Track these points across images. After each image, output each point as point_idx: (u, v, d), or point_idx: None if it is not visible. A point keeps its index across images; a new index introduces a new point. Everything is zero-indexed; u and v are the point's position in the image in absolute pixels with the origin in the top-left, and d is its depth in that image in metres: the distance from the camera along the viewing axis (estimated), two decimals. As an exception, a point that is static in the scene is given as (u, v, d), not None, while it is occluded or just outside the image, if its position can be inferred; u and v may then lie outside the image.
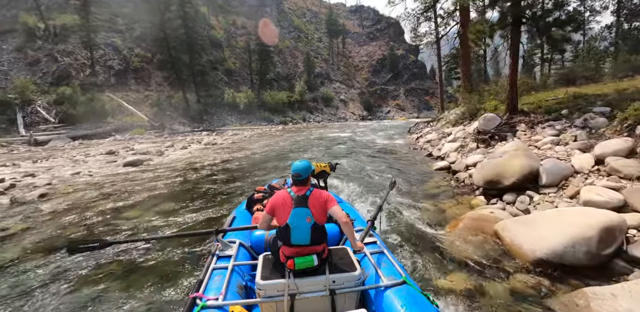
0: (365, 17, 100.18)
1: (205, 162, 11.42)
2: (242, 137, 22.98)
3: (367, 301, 2.37)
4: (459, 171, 7.63)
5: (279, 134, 27.05)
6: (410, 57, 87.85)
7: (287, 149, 15.01)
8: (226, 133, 27.49)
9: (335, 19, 75.50)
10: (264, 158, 12.25)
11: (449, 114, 18.48)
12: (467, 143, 9.61)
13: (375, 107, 72.59)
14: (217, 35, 51.94)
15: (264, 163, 10.95)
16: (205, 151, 14.68)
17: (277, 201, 2.35)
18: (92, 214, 5.80)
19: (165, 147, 15.30)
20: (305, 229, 2.23)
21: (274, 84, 54.74)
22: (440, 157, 10.14)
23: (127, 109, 31.64)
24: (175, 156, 13.08)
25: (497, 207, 4.96)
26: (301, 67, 63.29)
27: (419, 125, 22.82)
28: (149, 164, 10.97)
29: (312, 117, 55.46)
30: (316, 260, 2.22)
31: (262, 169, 9.78)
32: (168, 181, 8.38)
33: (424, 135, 16.30)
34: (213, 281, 2.40)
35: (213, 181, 8.34)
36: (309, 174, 2.41)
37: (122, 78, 35.23)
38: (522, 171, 5.18)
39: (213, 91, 42.70)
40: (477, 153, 7.98)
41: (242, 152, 13.98)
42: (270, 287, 2.14)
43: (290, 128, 36.47)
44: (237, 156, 12.79)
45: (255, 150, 14.80)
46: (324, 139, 19.45)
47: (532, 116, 8.59)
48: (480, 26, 9.77)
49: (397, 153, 12.69)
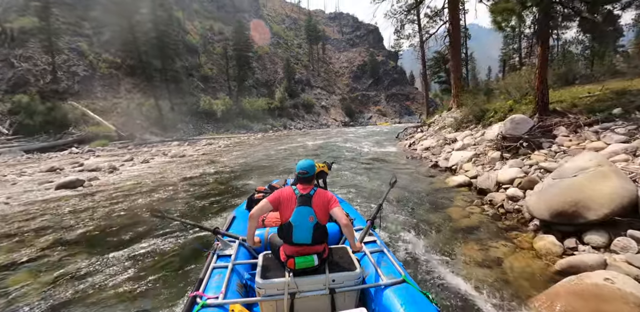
0: (344, 24, 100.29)
1: (162, 180, 9.39)
2: (216, 148, 20.89)
3: (367, 299, 2.37)
4: (488, 189, 6.04)
5: (257, 142, 25.20)
6: (390, 63, 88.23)
7: (264, 161, 13.17)
8: (199, 143, 25.22)
9: (315, 25, 74.71)
10: (235, 174, 10.27)
11: (442, 118, 17.32)
12: (484, 151, 8.12)
13: (357, 113, 71.80)
14: (192, 40, 49.91)
15: (234, 180, 9.11)
16: (168, 166, 12.62)
17: (284, 195, 2.33)
18: None
19: (122, 161, 13.16)
20: (308, 228, 2.24)
21: (253, 91, 53.00)
22: (451, 168, 8.58)
23: (93, 118, 29.24)
24: (129, 172, 10.99)
25: (595, 259, 3.15)
26: (281, 73, 61.79)
27: (407, 130, 21.65)
28: (90, 185, 8.78)
29: (293, 124, 53.88)
30: (316, 260, 2.22)
31: (231, 190, 7.87)
32: (102, 210, 6.37)
33: (417, 141, 14.95)
34: (213, 279, 2.39)
35: (164, 210, 6.03)
36: (314, 172, 2.43)
37: (87, 85, 32.73)
38: (617, 199, 3.48)
39: (188, 98, 40.59)
40: (510, 165, 6.34)
41: (211, 167, 11.99)
42: (270, 286, 2.14)
43: (270, 136, 34.59)
44: (204, 172, 10.79)
45: (227, 163, 12.90)
46: (306, 148, 17.73)
47: (571, 117, 7.03)
48: (508, 3, 7.99)
49: (395, 163, 11.09)
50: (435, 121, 17.83)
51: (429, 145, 12.42)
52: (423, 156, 11.58)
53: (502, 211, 5.20)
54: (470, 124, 11.71)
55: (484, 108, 11.11)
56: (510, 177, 5.79)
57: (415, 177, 8.55)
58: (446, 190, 6.91)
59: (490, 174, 6.40)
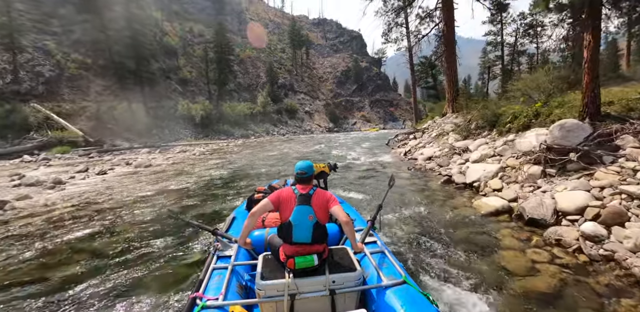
0: (328, 29, 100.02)
1: (109, 201, 7.43)
2: (190, 156, 18.99)
3: (367, 300, 2.35)
4: (543, 220, 4.47)
5: (236, 150, 23.44)
6: (374, 69, 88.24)
7: (241, 174, 11.16)
8: (172, 150, 23.28)
9: (299, 30, 73.73)
10: (204, 190, 8.42)
11: (437, 124, 16.17)
12: (518, 166, 6.61)
13: (341, 119, 70.88)
14: (171, 42, 47.90)
15: (200, 201, 7.15)
16: (126, 179, 10.68)
17: (283, 195, 2.34)
18: None
19: (75, 172, 11.23)
20: (308, 227, 2.24)
21: (234, 95, 51.27)
22: (472, 186, 7.02)
23: (58, 122, 26.95)
24: (75, 188, 8.99)
25: None
26: (264, 77, 60.24)
27: (397, 137, 20.45)
28: (13, 208, 6.66)
29: (276, 130, 52.28)
30: (316, 260, 2.20)
31: (195, 216, 5.97)
32: (16, 247, 4.63)
33: (414, 149, 13.71)
34: (213, 281, 2.39)
35: (105, 244, 4.68)
36: (312, 172, 2.43)
37: (53, 86, 30.35)
38: None
39: (165, 102, 38.57)
40: (573, 187, 4.79)
41: (177, 180, 10.15)
42: (270, 287, 2.14)
43: (251, 143, 32.77)
44: (166, 188, 8.87)
45: (198, 175, 11.09)
46: (289, 157, 16.20)
47: (635, 123, 5.66)
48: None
49: (397, 177, 8.86)
50: (429, 127, 16.69)
51: (432, 154, 11.15)
52: (427, 167, 10.20)
53: (583, 259, 3.64)
54: (481, 130, 10.47)
55: (497, 112, 9.84)
56: (578, 205, 4.34)
57: (428, 197, 6.86)
58: (479, 219, 5.31)
59: (543, 198, 4.80)
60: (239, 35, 68.44)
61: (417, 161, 11.43)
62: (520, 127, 8.10)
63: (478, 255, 4.00)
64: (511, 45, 38.80)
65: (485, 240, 4.47)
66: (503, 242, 4.33)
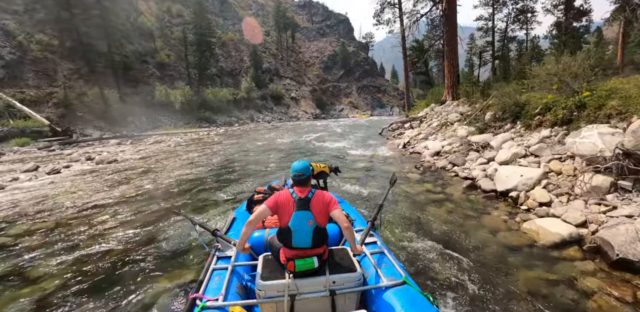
0: (314, 12, 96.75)
1: (43, 214, 5.88)
2: (164, 148, 17.03)
3: (368, 301, 2.30)
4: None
5: (217, 139, 21.72)
6: (362, 54, 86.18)
7: (218, 173, 9.48)
8: (145, 141, 21.36)
9: (284, 12, 70.68)
10: (167, 200, 6.63)
11: (437, 112, 14.93)
12: (565, 172, 5.38)
13: (328, 105, 69.29)
14: (147, 23, 44.90)
15: (161, 214, 5.66)
16: (79, 180, 8.86)
17: (281, 199, 2.23)
18: None
19: (22, 171, 9.57)
20: (307, 232, 2.15)
21: (216, 80, 48.87)
22: (509, 195, 5.58)
23: (21, 110, 24.71)
24: (10, 195, 7.24)
25: None
26: (247, 61, 57.69)
27: (392, 126, 19.14)
28: None
29: (261, 117, 50.44)
30: (317, 262, 2.13)
31: (141, 245, 4.45)
32: None
33: (414, 141, 12.49)
34: (213, 281, 2.35)
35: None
36: (309, 173, 2.31)
37: (15, 70, 27.75)
38: None
39: (142, 88, 36.27)
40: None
41: (143, 181, 8.46)
42: (270, 287, 2.10)
43: (234, 131, 30.82)
44: (129, 193, 7.24)
45: (169, 173, 9.40)
46: (274, 150, 14.57)
47: None
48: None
49: (404, 179, 7.60)
50: (427, 116, 15.44)
51: (439, 149, 9.87)
52: (438, 165, 8.78)
53: None
54: (502, 123, 9.07)
55: (520, 102, 8.37)
56: None
57: (453, 212, 5.36)
58: (540, 252, 3.84)
59: (637, 227, 3.40)
60: (221, 17, 65.22)
61: (424, 156, 10.10)
62: (558, 121, 6.77)
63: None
64: (502, 31, 37.99)
65: (569, 297, 2.98)
66: (598, 302, 2.88)
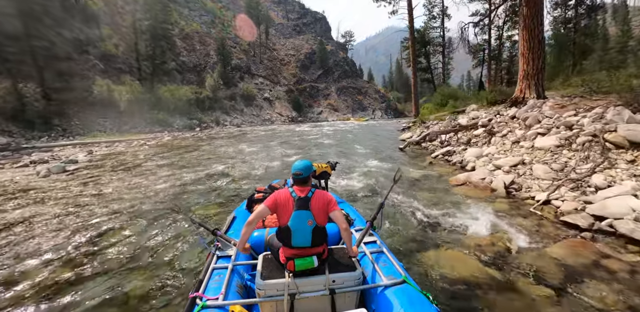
0: (290, 9, 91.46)
1: None
2: (30, 178, 9.51)
3: (367, 300, 2.31)
4: None
5: (150, 152, 15.06)
6: (340, 53, 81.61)
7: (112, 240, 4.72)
8: (24, 159, 13.26)
9: (257, 4, 64.68)
10: None
11: (523, 116, 9.56)
12: None
13: (306, 107, 63.82)
14: (93, 6, 37.80)
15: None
16: None
17: (281, 199, 2.20)
18: None
19: None
20: (307, 232, 2.14)
21: (176, 76, 42.24)
22: None
23: None
24: None
25: None
26: (214, 56, 51.17)
27: (413, 137, 13.49)
28: None
29: (229, 120, 44.18)
30: (316, 261, 2.13)
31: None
32: None
33: (498, 173, 6.81)
34: (213, 280, 2.34)
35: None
36: (310, 173, 2.29)
37: None
38: None
39: (77, 82, 29.34)
40: None
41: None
42: (270, 286, 2.09)
43: (186, 140, 23.38)
44: None
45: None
46: (233, 181, 9.09)
47: None
48: None
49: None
50: (493, 123, 9.83)
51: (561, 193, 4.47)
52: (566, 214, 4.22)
53: None
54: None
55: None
56: None
57: None
58: None
59: None
60: (186, 7, 58.38)
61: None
62: None
63: None
64: (499, 28, 34.67)
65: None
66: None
